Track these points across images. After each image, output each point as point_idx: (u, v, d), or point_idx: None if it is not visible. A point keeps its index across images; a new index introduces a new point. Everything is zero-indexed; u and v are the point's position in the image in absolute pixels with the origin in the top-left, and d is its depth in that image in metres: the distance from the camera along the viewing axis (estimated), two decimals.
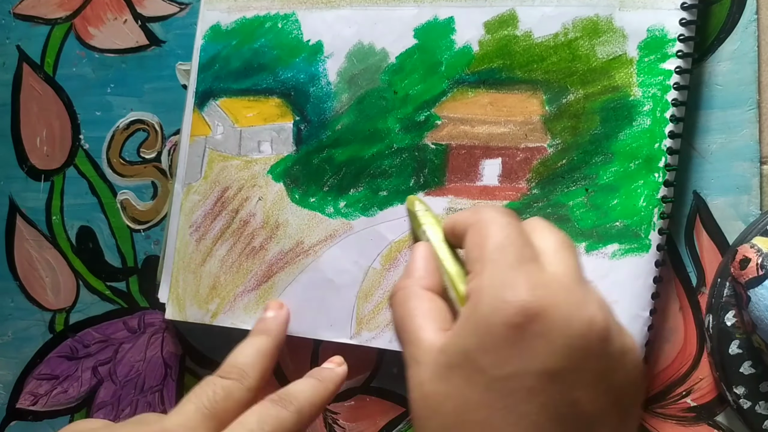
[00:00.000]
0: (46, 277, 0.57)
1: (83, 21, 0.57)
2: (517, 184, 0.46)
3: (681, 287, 0.46)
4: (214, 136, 0.52)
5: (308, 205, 0.49)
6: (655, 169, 0.43)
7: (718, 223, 0.45)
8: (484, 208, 0.34)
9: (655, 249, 0.43)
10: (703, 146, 0.45)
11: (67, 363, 0.57)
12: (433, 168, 0.47)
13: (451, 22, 0.47)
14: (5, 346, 0.58)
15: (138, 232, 0.56)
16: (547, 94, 0.45)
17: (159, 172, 0.55)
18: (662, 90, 0.43)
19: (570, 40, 0.45)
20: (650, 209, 0.43)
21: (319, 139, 0.49)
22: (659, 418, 0.46)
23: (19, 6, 0.58)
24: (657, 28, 0.43)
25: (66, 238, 0.57)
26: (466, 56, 0.46)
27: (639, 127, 0.43)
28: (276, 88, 0.50)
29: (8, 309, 0.58)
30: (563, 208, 0.45)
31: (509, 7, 0.46)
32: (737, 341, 0.43)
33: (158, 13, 0.55)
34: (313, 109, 0.50)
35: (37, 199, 0.57)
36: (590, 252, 0.44)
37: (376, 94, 0.48)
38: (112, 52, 0.56)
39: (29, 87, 0.58)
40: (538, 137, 0.45)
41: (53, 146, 0.57)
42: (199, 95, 0.52)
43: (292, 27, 0.50)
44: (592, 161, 0.44)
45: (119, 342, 0.56)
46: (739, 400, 0.43)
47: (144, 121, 0.55)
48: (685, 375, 0.46)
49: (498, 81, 0.46)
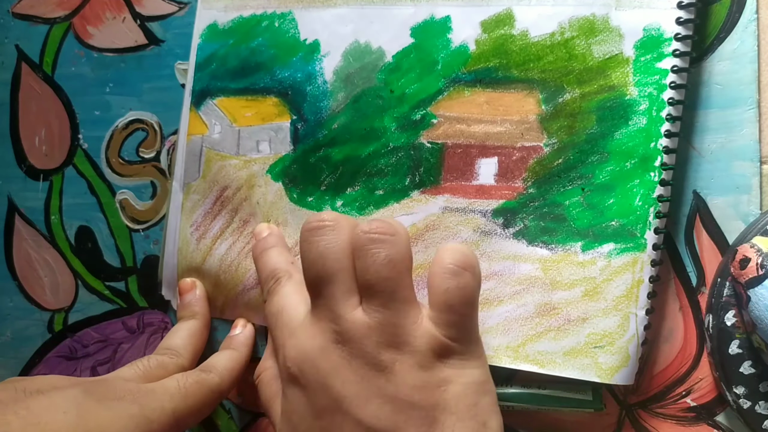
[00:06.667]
0: (44, 276, 0.57)
1: (82, 20, 0.57)
2: (513, 183, 0.45)
3: (681, 287, 0.46)
4: (212, 135, 0.52)
5: (306, 205, 0.49)
6: (651, 168, 0.43)
7: (718, 222, 0.45)
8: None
9: (651, 248, 0.43)
10: (703, 146, 0.45)
11: (66, 363, 0.57)
12: (429, 167, 0.47)
13: (447, 21, 0.47)
14: (4, 346, 0.58)
15: (137, 231, 0.56)
16: (544, 94, 0.45)
17: (158, 171, 0.55)
18: (658, 89, 0.43)
19: (566, 39, 0.45)
20: (646, 208, 0.43)
21: (316, 138, 0.49)
22: (659, 418, 0.46)
23: (17, 5, 0.58)
24: (653, 28, 0.43)
25: (65, 238, 0.57)
26: (462, 55, 0.46)
27: (635, 126, 0.43)
28: (273, 87, 0.50)
29: (7, 309, 0.58)
30: (559, 207, 0.45)
31: (506, 6, 0.46)
32: (737, 341, 0.43)
33: (157, 12, 0.55)
34: (309, 108, 0.50)
35: (35, 198, 0.58)
36: (586, 251, 0.44)
37: (372, 93, 0.48)
38: (111, 52, 0.56)
39: (28, 86, 0.58)
40: (534, 136, 0.45)
41: (52, 146, 0.57)
42: (196, 94, 0.52)
43: (289, 26, 0.50)
44: (588, 160, 0.44)
45: (118, 342, 0.56)
46: (739, 400, 0.43)
47: (143, 121, 0.55)
48: (684, 375, 0.46)
49: (494, 80, 0.46)
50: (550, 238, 0.45)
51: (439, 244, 0.47)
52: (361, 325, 0.36)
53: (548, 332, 0.45)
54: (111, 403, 0.38)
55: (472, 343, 0.37)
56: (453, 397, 0.35)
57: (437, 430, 0.34)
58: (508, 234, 0.46)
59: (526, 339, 0.45)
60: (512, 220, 0.46)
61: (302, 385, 0.37)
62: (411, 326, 0.36)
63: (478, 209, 0.46)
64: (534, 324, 0.45)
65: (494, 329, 0.46)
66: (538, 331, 0.45)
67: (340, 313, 0.37)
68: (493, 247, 0.46)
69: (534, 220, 0.45)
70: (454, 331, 0.36)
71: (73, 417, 0.36)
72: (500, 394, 0.46)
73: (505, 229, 0.46)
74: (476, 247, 0.46)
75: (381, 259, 0.36)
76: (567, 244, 0.45)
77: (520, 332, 0.45)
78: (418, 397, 0.35)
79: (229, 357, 0.47)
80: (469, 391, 0.35)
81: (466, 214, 0.46)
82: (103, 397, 0.38)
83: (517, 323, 0.45)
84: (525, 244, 0.45)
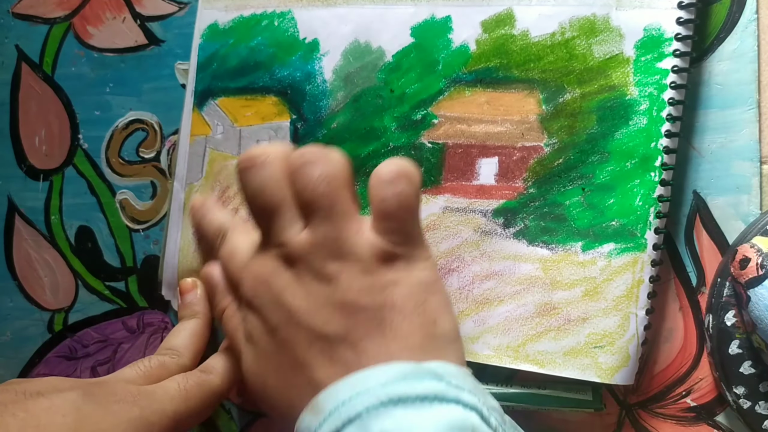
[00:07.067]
0: (44, 276, 0.57)
1: (82, 20, 0.57)
2: (514, 183, 0.45)
3: (681, 287, 0.46)
4: (215, 135, 0.52)
5: None
6: (651, 168, 0.43)
7: (718, 222, 0.45)
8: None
9: (652, 248, 0.43)
10: (703, 146, 0.45)
11: (65, 363, 0.57)
12: (429, 167, 0.47)
13: (448, 21, 0.47)
14: (4, 346, 0.58)
15: (137, 231, 0.55)
16: (544, 93, 0.45)
17: (158, 171, 0.55)
18: (659, 89, 0.43)
19: (567, 39, 0.45)
20: (646, 208, 0.43)
21: (315, 138, 0.49)
22: (659, 418, 0.46)
23: (17, 5, 0.58)
24: (654, 28, 0.43)
25: (65, 238, 0.57)
26: (463, 55, 0.46)
27: (635, 126, 0.43)
28: (272, 86, 0.50)
29: (7, 309, 0.58)
30: (560, 207, 0.45)
31: (506, 6, 0.46)
32: (737, 341, 0.43)
33: (157, 12, 0.55)
34: (309, 107, 0.50)
35: (35, 198, 0.57)
36: (586, 251, 0.44)
37: (372, 93, 0.48)
38: (111, 52, 0.56)
39: (28, 86, 0.58)
40: (534, 136, 0.45)
41: (52, 146, 0.57)
42: (198, 95, 0.52)
43: (288, 25, 0.50)
44: (589, 160, 0.44)
45: (118, 342, 0.56)
46: (739, 400, 0.43)
47: (143, 121, 0.55)
48: (685, 375, 0.46)
49: (495, 80, 0.46)
50: (550, 238, 0.45)
51: (439, 244, 0.47)
52: (306, 243, 0.37)
53: (548, 332, 0.45)
54: (111, 406, 0.38)
55: (417, 246, 0.37)
56: (400, 297, 0.36)
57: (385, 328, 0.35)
58: (508, 234, 0.46)
59: (527, 339, 0.45)
60: (513, 220, 0.46)
61: (257, 306, 0.39)
62: (353, 237, 0.36)
63: (479, 209, 0.46)
64: (534, 324, 0.45)
65: (495, 329, 0.46)
66: (538, 331, 0.45)
67: (286, 239, 0.38)
68: (494, 247, 0.46)
69: (534, 220, 0.45)
70: (395, 236, 0.36)
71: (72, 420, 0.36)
72: (500, 394, 0.46)
73: (505, 229, 0.46)
74: (476, 247, 0.46)
75: (316, 177, 0.37)
76: (567, 244, 0.45)
77: (521, 332, 0.45)
78: (364, 300, 0.36)
79: (229, 357, 0.47)
80: (415, 290, 0.36)
81: (466, 214, 0.46)
82: (103, 400, 0.38)
83: (517, 323, 0.45)
84: (525, 243, 0.45)
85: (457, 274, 0.46)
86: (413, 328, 0.35)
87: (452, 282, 0.46)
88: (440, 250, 0.47)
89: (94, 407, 0.38)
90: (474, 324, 0.46)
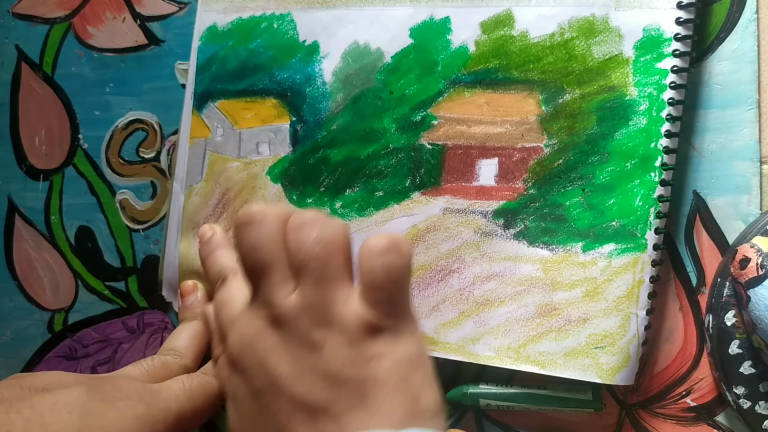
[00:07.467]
0: (44, 276, 0.57)
1: (82, 20, 0.57)
2: (514, 184, 0.45)
3: (681, 287, 0.46)
4: (215, 138, 0.52)
5: (306, 206, 0.49)
6: (651, 169, 0.43)
7: (718, 222, 0.45)
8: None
9: (652, 248, 0.43)
10: (703, 146, 0.45)
11: (66, 363, 0.57)
12: (429, 168, 0.47)
13: (447, 22, 0.47)
14: (4, 346, 0.58)
15: (137, 231, 0.55)
16: (544, 94, 0.45)
17: (158, 171, 0.55)
18: (658, 89, 0.43)
19: (566, 40, 0.44)
20: (646, 209, 0.43)
21: (315, 140, 0.49)
22: (659, 418, 0.46)
23: (17, 5, 0.58)
24: (653, 28, 0.43)
25: (65, 238, 0.57)
26: (462, 56, 0.46)
27: (635, 126, 0.43)
28: (272, 88, 0.50)
29: (7, 309, 0.58)
30: (560, 208, 0.45)
31: (505, 7, 0.46)
32: (737, 341, 0.43)
33: (157, 13, 0.55)
34: (309, 109, 0.50)
35: (35, 198, 0.57)
36: (587, 252, 0.44)
37: (371, 94, 0.48)
38: (111, 52, 0.56)
39: (28, 86, 0.58)
40: (534, 137, 0.45)
41: (52, 146, 0.57)
42: (198, 97, 0.52)
43: (288, 27, 0.50)
44: (589, 161, 0.44)
45: (118, 342, 0.56)
46: (739, 400, 0.43)
47: (143, 121, 0.55)
48: (685, 375, 0.46)
49: (494, 81, 0.46)
50: (550, 238, 0.45)
51: (439, 245, 0.47)
52: (294, 307, 0.36)
53: (549, 333, 0.45)
54: (116, 402, 0.38)
55: (404, 319, 0.37)
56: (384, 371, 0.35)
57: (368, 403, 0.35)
58: (508, 235, 0.46)
59: (527, 340, 0.45)
60: (513, 221, 0.46)
61: (241, 368, 0.38)
62: (341, 305, 0.36)
63: (479, 210, 0.46)
64: (535, 325, 0.45)
65: (495, 330, 0.46)
66: (539, 331, 0.45)
67: (275, 300, 0.37)
68: (494, 248, 0.46)
69: (535, 220, 0.45)
70: (381, 308, 0.36)
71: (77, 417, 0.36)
72: (500, 394, 0.46)
73: (505, 230, 0.46)
74: (477, 248, 0.46)
75: (312, 239, 0.36)
76: (568, 245, 0.45)
77: (521, 333, 0.45)
78: (348, 372, 0.35)
79: None
80: (399, 365, 0.36)
81: (466, 215, 0.46)
82: (108, 397, 0.38)
83: (518, 324, 0.45)
84: (526, 244, 0.45)
85: (458, 275, 0.46)
86: (395, 403, 0.35)
87: (453, 283, 0.46)
88: (441, 251, 0.47)
89: (99, 404, 0.38)
90: (475, 325, 0.46)
